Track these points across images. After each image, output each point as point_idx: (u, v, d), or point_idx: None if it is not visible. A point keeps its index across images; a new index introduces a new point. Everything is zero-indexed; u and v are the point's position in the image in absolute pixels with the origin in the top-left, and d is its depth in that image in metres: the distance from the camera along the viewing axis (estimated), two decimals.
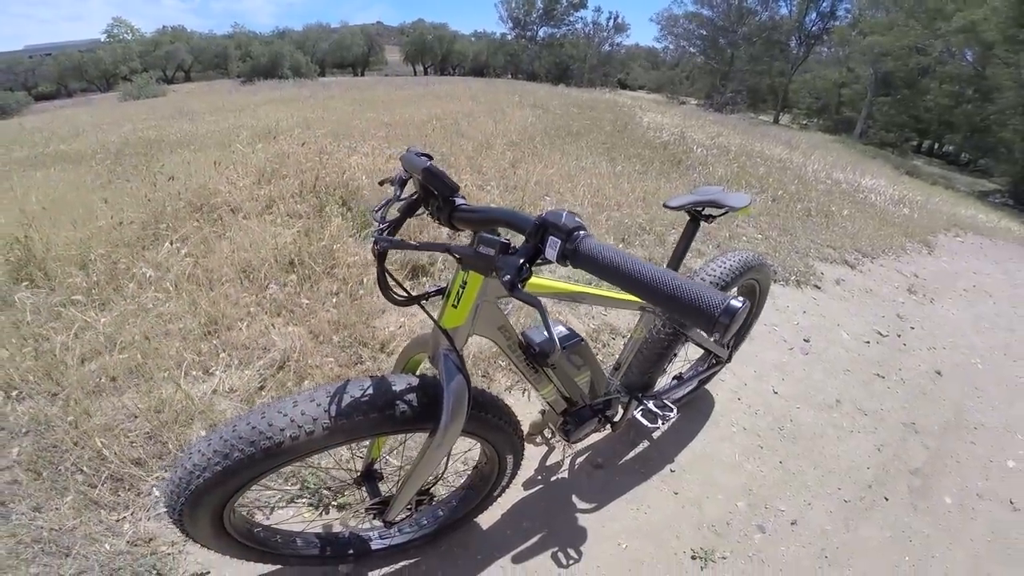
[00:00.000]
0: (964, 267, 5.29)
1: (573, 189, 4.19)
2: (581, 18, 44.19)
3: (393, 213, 0.86)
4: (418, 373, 0.99)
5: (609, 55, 46.05)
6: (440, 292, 0.89)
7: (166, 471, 1.44)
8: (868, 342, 2.94)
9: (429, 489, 1.18)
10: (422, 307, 0.83)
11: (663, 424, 1.49)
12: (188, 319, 2.07)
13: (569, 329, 1.17)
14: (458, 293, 0.85)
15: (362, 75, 43.12)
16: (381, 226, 0.80)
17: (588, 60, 42.60)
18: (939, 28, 18.97)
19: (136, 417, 1.56)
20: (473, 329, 0.91)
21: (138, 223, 2.92)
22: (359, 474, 1.11)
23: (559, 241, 0.58)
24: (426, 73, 46.58)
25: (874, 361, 2.68)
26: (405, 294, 0.82)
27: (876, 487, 1.80)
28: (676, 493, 1.61)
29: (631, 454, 1.74)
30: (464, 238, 1.25)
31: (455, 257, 0.75)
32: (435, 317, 0.86)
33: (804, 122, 29.90)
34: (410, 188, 0.88)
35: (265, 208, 3.27)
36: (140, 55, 37.84)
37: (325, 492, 1.37)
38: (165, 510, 0.84)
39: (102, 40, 39.22)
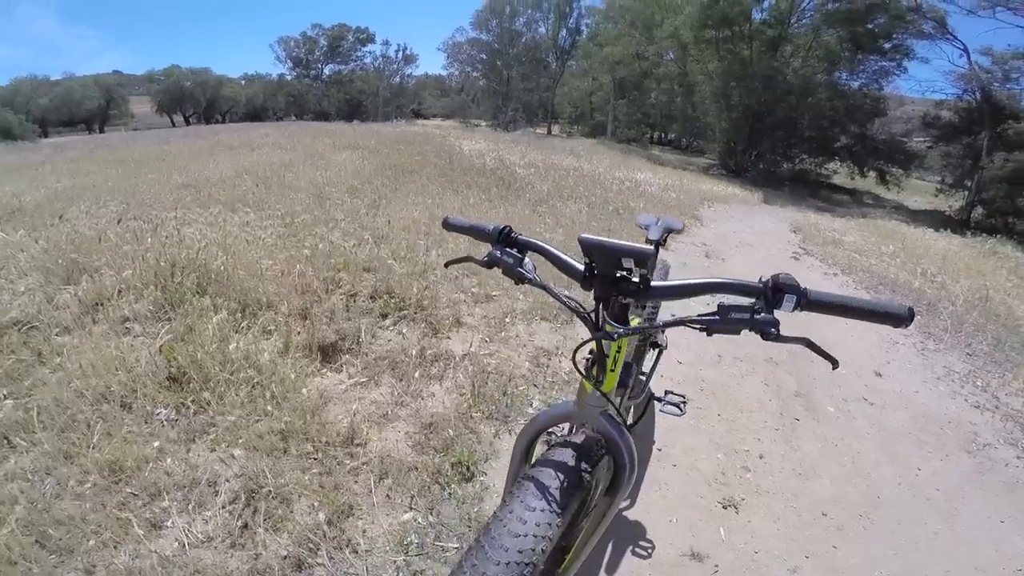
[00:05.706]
0: (727, 229, 7.05)
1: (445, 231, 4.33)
2: (370, 52, 43.72)
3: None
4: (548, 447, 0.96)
5: (401, 87, 46.56)
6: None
7: None
8: (708, 303, 3.81)
9: None
10: (602, 393, 0.88)
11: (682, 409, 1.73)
12: (71, 470, 1.64)
13: None
14: (615, 357, 0.89)
15: (101, 132, 35.20)
16: (590, 315, 0.85)
17: (381, 94, 42.46)
18: (654, 36, 22.68)
19: None
20: None
21: None
22: None
23: (795, 296, 0.74)
24: (187, 123, 40.39)
25: None
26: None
27: (786, 414, 2.41)
28: (675, 466, 1.97)
29: None
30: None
31: (698, 329, 0.81)
32: (600, 388, 0.89)
33: (569, 130, 33.46)
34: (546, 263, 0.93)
35: (85, 314, 2.62)
36: None
37: None
38: None
39: None
